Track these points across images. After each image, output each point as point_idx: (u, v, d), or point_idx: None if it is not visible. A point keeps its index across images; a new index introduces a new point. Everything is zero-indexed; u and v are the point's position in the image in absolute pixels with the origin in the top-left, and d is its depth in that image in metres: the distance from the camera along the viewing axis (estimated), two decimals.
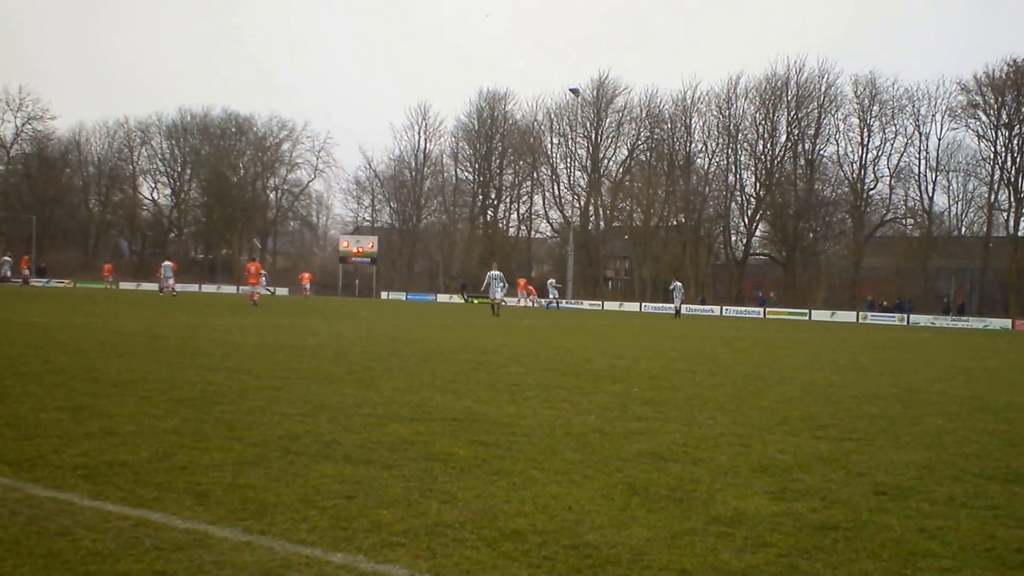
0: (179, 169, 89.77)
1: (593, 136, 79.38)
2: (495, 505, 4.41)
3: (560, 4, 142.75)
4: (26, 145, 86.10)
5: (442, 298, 70.54)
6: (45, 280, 69.76)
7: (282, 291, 68.60)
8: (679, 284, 46.88)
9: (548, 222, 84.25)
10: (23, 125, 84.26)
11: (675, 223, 76.19)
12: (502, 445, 6.01)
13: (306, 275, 67.54)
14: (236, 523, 3.93)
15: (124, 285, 67.31)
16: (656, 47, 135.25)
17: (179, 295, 43.46)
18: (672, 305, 47.55)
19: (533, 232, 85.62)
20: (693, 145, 76.32)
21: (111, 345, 12.77)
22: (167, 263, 45.59)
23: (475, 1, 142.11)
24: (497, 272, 36.25)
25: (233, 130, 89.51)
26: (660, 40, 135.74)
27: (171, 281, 44.04)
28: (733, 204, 75.74)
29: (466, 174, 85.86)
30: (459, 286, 73.44)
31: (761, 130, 73.01)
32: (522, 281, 58.76)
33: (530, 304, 56.27)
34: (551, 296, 56.83)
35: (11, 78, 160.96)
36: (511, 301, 53.79)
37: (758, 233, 76.73)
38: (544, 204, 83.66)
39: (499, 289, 35.42)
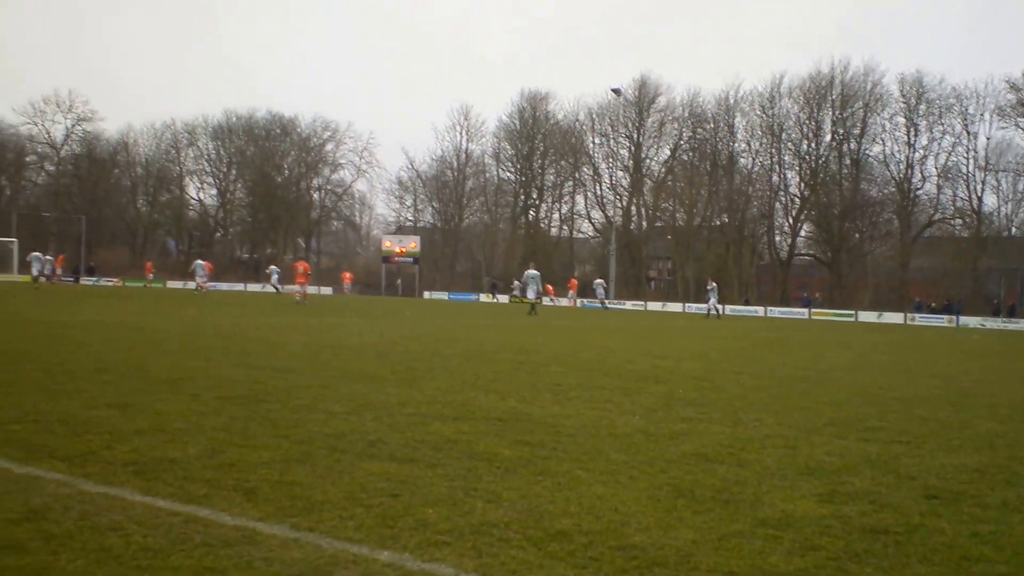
0: (224, 170, 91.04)
1: (635, 136, 78.94)
2: (540, 505, 4.41)
3: (604, 3, 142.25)
4: (76, 146, 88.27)
5: (484, 298, 70.71)
6: (95, 279, 71.16)
7: (326, 291, 69.20)
8: (715, 285, 45.26)
9: (590, 222, 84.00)
10: (73, 126, 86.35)
11: (718, 223, 75.51)
12: (546, 445, 6.00)
13: (347, 274, 68.00)
14: (284, 520, 3.97)
15: (171, 284, 68.38)
16: (698, 47, 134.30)
17: (203, 292, 44.15)
18: (705, 306, 46.31)
19: (575, 232, 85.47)
20: (736, 145, 75.67)
21: (159, 343, 12.98)
22: (199, 262, 46.42)
23: (517, 3, 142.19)
24: (535, 272, 36.22)
25: (278, 131, 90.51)
26: (702, 40, 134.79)
27: (203, 279, 44.84)
28: (777, 204, 74.97)
29: (508, 174, 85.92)
30: (490, 285, 73.61)
31: (805, 129, 72.12)
32: (574, 282, 58.61)
33: (572, 303, 56.11)
34: (598, 296, 56.45)
35: (60, 81, 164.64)
36: (552, 301, 53.74)
37: (803, 233, 75.81)
38: (586, 204, 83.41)
39: (533, 289, 35.39)
